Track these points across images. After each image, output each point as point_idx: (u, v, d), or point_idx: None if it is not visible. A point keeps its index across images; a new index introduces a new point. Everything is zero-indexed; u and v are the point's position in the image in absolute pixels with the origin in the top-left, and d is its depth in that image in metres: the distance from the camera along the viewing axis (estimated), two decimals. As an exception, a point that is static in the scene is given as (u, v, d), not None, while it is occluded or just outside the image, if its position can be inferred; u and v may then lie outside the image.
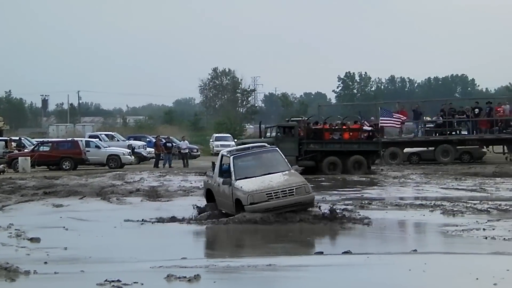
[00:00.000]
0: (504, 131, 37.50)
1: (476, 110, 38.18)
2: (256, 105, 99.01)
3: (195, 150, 49.35)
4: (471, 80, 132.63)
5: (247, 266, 10.85)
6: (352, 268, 10.96)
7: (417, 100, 51.74)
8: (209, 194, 17.88)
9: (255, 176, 16.15)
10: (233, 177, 16.19)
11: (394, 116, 37.46)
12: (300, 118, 38.71)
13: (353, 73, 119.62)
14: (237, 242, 15.01)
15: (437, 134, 38.56)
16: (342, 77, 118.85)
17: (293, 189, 15.78)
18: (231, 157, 16.58)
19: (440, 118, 38.86)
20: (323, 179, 29.25)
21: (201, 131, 75.05)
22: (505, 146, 38.21)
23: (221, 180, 16.71)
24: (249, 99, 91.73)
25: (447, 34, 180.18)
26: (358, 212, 17.70)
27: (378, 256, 11.88)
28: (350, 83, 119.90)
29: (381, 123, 36.65)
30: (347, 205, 19.18)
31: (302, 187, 15.91)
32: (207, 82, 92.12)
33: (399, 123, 37.90)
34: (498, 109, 38.16)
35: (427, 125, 39.97)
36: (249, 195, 15.65)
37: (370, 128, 34.17)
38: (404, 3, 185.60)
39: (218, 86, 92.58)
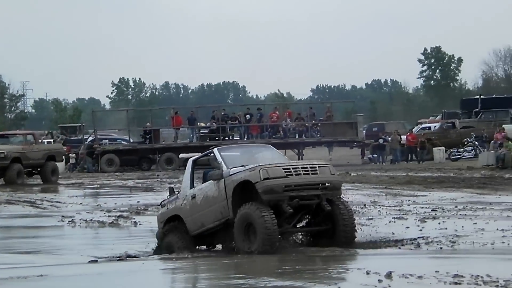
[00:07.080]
0: (273, 136, 39.24)
1: (248, 116, 39.64)
2: (25, 110, 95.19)
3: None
4: (242, 87, 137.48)
5: (17, 278, 10.26)
6: (130, 275, 10.75)
7: (191, 106, 52.51)
8: (169, 226, 13.25)
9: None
10: (224, 167, 12.19)
11: None
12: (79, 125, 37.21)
13: (127, 78, 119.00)
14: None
15: (211, 140, 39.45)
16: (116, 82, 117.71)
17: (315, 167, 12.07)
18: (215, 149, 12.78)
19: (214, 123, 39.79)
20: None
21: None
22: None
23: (196, 187, 13.02)
24: (17, 104, 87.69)
25: (218, 42, 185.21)
26: (134, 218, 17.69)
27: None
28: (125, 89, 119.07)
29: None
30: (123, 211, 18.95)
31: (326, 167, 12.27)
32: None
33: None
34: (273, 114, 40.09)
35: (201, 131, 40.74)
36: (261, 169, 11.68)
37: None
38: (172, 12, 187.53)
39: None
